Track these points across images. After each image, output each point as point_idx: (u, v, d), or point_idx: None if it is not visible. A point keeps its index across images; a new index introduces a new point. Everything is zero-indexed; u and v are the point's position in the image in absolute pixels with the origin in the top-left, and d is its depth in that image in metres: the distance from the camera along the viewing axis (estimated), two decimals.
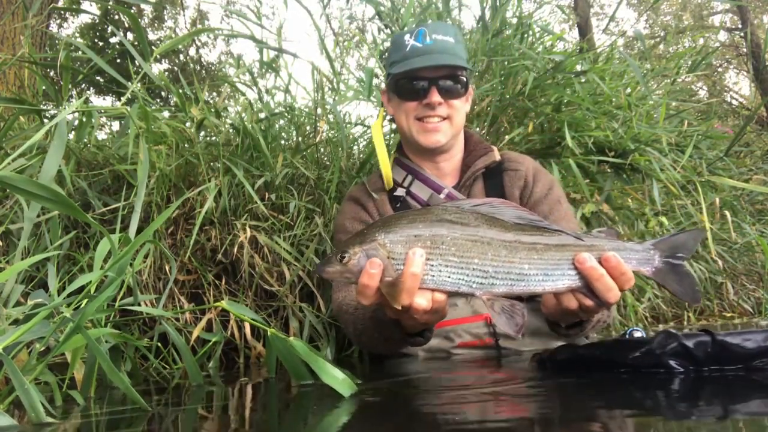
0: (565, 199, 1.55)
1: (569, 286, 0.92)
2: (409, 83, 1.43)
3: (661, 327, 2.41)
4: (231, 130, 2.14)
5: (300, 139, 2.27)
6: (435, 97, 1.40)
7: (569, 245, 0.92)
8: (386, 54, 1.69)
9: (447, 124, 1.45)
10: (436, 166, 1.53)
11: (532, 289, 0.90)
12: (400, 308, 0.91)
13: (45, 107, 1.92)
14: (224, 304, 1.23)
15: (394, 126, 2.15)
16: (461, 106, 1.47)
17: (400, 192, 1.54)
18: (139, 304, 1.39)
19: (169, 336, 1.37)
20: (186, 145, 1.96)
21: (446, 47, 1.42)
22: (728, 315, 2.82)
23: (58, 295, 1.25)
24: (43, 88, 1.96)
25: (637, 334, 1.16)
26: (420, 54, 1.41)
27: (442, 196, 1.49)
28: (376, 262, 0.90)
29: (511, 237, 0.91)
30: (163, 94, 8.66)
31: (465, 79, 1.45)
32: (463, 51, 1.48)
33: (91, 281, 1.13)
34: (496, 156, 1.54)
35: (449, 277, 0.90)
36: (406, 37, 1.45)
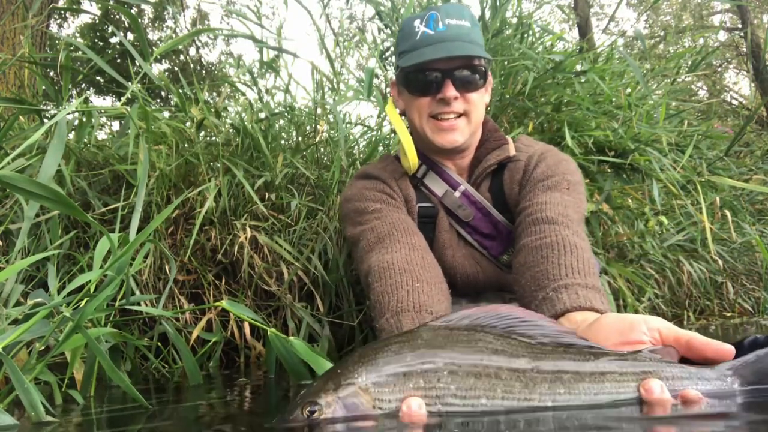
0: (577, 187, 1.26)
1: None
2: (421, 76, 1.25)
3: None
4: (231, 130, 2.14)
5: (300, 139, 2.27)
6: (450, 91, 1.23)
7: (609, 372, 0.65)
8: (395, 42, 1.54)
9: (464, 121, 1.28)
10: (453, 163, 1.39)
11: None
12: None
13: (45, 107, 1.92)
14: (224, 303, 1.24)
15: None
16: (479, 99, 1.29)
17: (414, 179, 1.40)
18: (139, 304, 1.39)
19: (169, 336, 1.37)
20: (186, 145, 1.96)
21: (461, 33, 1.25)
22: (728, 315, 2.82)
23: (58, 295, 1.25)
24: (43, 88, 1.96)
25: None
26: (432, 42, 1.24)
27: (456, 194, 1.35)
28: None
29: (526, 364, 0.66)
30: (163, 94, 8.67)
31: (483, 69, 1.27)
32: (480, 36, 1.30)
33: (90, 280, 1.13)
34: (510, 151, 1.34)
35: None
36: (416, 22, 1.28)
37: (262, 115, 2.15)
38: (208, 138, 2.13)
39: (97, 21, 9.89)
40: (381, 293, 1.06)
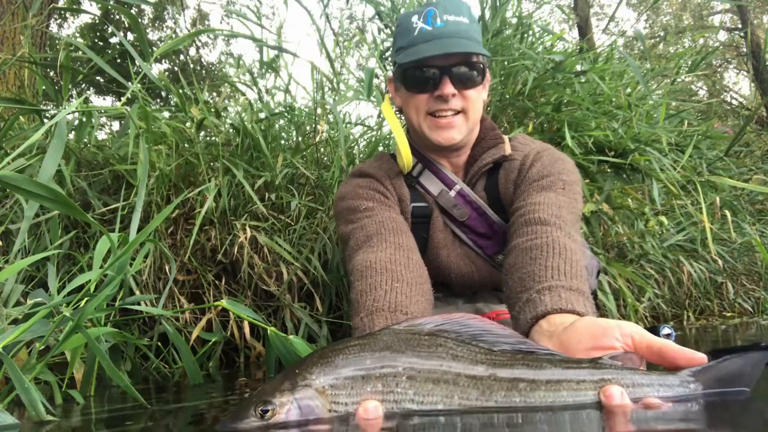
0: (573, 187, 1.24)
1: None
2: (418, 73, 1.24)
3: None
4: (231, 130, 2.14)
5: (300, 139, 2.27)
6: (448, 88, 1.22)
7: (566, 380, 0.65)
8: (393, 37, 1.53)
9: (462, 118, 1.27)
10: (448, 161, 1.37)
11: None
12: None
13: (45, 107, 1.92)
14: (224, 303, 1.24)
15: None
16: (477, 97, 1.28)
17: (409, 178, 1.38)
18: (139, 304, 1.39)
19: (169, 335, 1.37)
20: (186, 145, 1.96)
21: (459, 30, 1.23)
22: (728, 315, 2.82)
23: (58, 295, 1.25)
24: (43, 88, 1.96)
25: (666, 332, 1.08)
26: (430, 39, 1.22)
27: (452, 193, 1.34)
28: None
29: (483, 371, 0.66)
30: (163, 94, 8.67)
31: (481, 65, 1.26)
32: (478, 32, 1.29)
33: (90, 280, 1.13)
34: (506, 149, 1.33)
35: None
36: (414, 18, 1.26)
37: (262, 115, 2.15)
38: (208, 138, 2.13)
39: (97, 21, 9.89)
40: (360, 292, 1.05)
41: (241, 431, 0.65)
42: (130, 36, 9.16)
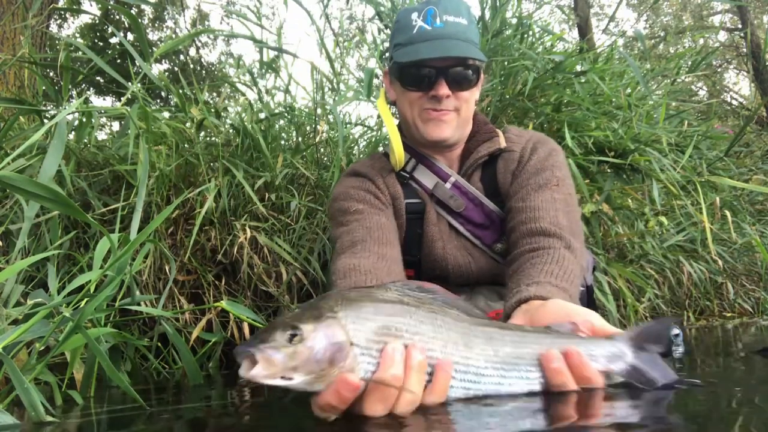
0: (566, 181, 1.30)
1: (529, 390, 0.75)
2: (415, 71, 1.26)
3: None
4: (231, 131, 2.14)
5: (300, 139, 2.27)
6: (443, 89, 1.25)
7: (526, 342, 0.77)
8: (390, 32, 1.54)
9: (454, 115, 1.31)
10: (442, 155, 1.40)
11: (485, 393, 0.74)
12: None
13: (45, 107, 1.92)
14: (224, 304, 1.24)
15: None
16: (471, 97, 1.31)
17: (402, 175, 1.40)
18: (139, 304, 1.39)
19: (169, 336, 1.37)
20: (186, 146, 1.96)
21: (458, 31, 1.25)
22: (728, 315, 2.82)
23: (58, 295, 1.25)
24: (43, 88, 1.96)
25: (675, 332, 1.11)
26: (428, 39, 1.25)
27: (447, 185, 1.36)
28: (353, 383, 0.63)
29: (468, 326, 0.75)
30: (163, 94, 8.67)
31: (477, 66, 1.29)
32: (476, 34, 1.31)
33: (90, 280, 1.13)
34: (501, 142, 1.37)
35: None
36: (414, 15, 1.28)
37: (262, 116, 2.15)
38: (208, 138, 2.13)
39: (97, 21, 9.89)
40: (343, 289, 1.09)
41: (267, 350, 0.64)
42: (130, 36, 9.16)
